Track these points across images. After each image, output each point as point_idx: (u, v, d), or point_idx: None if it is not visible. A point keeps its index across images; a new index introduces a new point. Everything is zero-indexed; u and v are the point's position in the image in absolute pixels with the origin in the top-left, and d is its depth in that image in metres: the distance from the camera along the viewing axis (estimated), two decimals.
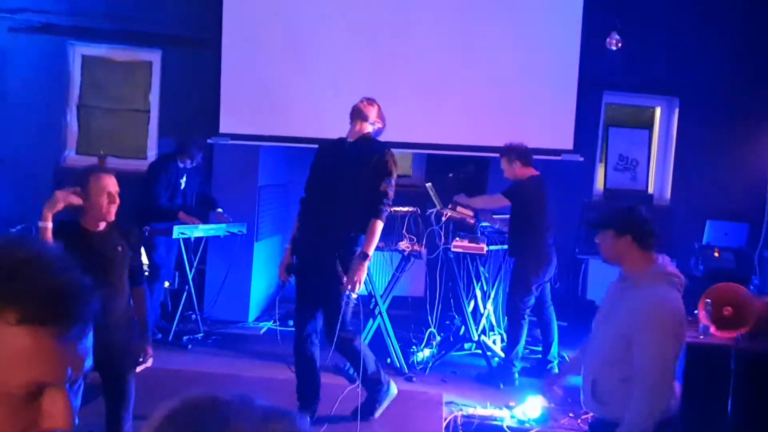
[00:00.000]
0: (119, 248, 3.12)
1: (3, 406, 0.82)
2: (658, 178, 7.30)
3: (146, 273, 5.84)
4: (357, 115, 4.19)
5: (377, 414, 4.14)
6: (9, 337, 0.81)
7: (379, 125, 4.28)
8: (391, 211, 5.23)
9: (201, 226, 5.69)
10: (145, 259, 5.93)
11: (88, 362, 0.87)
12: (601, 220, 2.99)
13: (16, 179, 6.40)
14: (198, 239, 5.88)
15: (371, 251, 3.99)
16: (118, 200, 3.07)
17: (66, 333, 0.83)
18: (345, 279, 3.97)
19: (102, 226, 3.09)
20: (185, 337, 5.67)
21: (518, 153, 5.20)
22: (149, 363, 3.31)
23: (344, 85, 6.23)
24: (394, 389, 4.24)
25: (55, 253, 0.86)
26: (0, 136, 6.72)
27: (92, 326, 0.87)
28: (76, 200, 3.01)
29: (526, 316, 5.11)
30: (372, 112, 4.23)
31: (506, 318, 5.47)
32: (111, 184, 3.10)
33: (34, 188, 6.07)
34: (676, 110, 7.16)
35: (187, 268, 5.77)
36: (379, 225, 4.00)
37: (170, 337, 5.64)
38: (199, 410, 0.77)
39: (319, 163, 4.27)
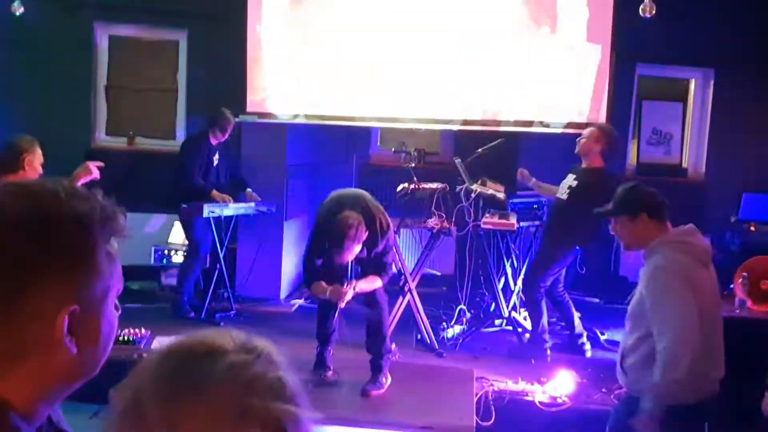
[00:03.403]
0: None
1: (112, 307, 0.97)
2: (692, 152, 7.15)
3: (185, 250, 5.95)
4: None
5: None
6: (105, 250, 0.94)
7: None
8: (419, 188, 5.22)
9: (231, 205, 5.73)
10: (184, 238, 6.02)
11: None
12: (612, 209, 2.93)
13: (46, 161, 6.45)
14: (228, 218, 5.92)
15: None
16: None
17: None
18: None
19: None
20: (217, 315, 5.72)
21: (610, 139, 5.00)
22: None
23: (372, 62, 6.19)
24: None
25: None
26: (29, 118, 6.79)
27: None
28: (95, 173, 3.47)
29: (542, 291, 5.05)
30: None
31: (523, 294, 5.39)
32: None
33: (65, 170, 6.12)
34: (712, 82, 6.99)
35: (219, 247, 5.82)
36: None
37: (203, 314, 5.69)
38: (193, 355, 0.79)
39: None
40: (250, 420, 0.73)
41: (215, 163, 5.86)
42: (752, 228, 5.79)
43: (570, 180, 5.02)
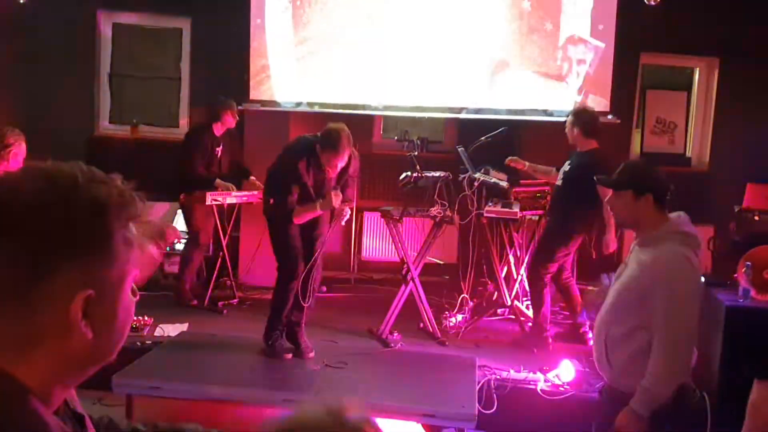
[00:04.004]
0: None
1: (129, 292, 0.97)
2: (696, 141, 7.13)
3: (186, 239, 5.96)
4: None
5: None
6: (123, 236, 0.94)
7: None
8: (422, 176, 5.22)
9: (234, 193, 5.74)
10: (184, 226, 6.03)
11: None
12: (619, 180, 2.77)
13: (49, 149, 6.44)
14: (231, 206, 5.93)
15: None
16: None
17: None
18: None
19: None
20: (220, 303, 5.73)
21: (582, 120, 4.94)
22: None
23: (373, 50, 6.17)
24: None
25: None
26: (33, 105, 6.79)
27: None
28: None
29: (546, 280, 5.05)
30: None
31: (528, 282, 5.39)
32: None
33: (69, 159, 6.10)
34: (716, 71, 6.96)
35: (222, 235, 5.83)
36: None
37: (206, 302, 5.72)
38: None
39: None
40: None
41: (218, 154, 5.87)
42: (756, 217, 5.75)
43: (565, 166, 5.04)
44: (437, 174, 5.28)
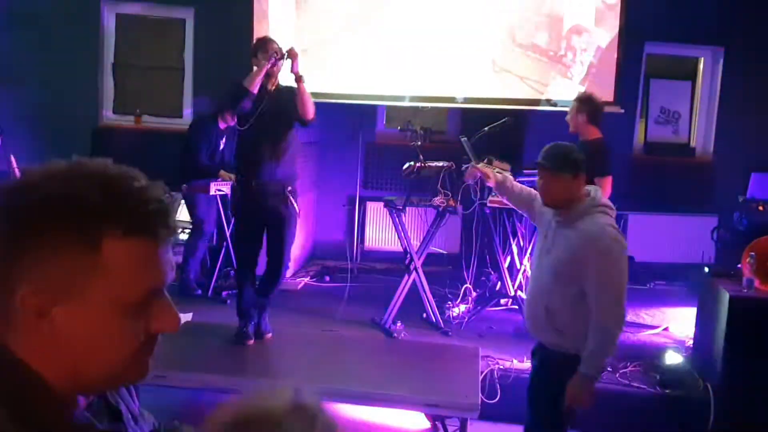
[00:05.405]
0: None
1: (121, 317, 0.86)
2: (700, 131, 7.11)
3: (189, 229, 5.97)
4: None
5: None
6: (122, 250, 0.84)
7: None
8: (425, 166, 5.21)
9: None
10: (187, 216, 6.04)
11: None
12: (560, 163, 2.91)
13: (53, 140, 6.46)
14: None
15: None
16: None
17: (166, 242, 0.90)
18: None
19: None
20: (224, 293, 5.74)
21: (589, 106, 4.86)
22: None
23: (377, 40, 6.16)
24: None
25: (128, 168, 0.90)
26: (37, 96, 6.79)
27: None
28: None
29: None
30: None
31: None
32: None
33: (73, 149, 6.14)
34: (721, 60, 6.93)
35: (225, 225, 5.84)
36: None
37: (209, 292, 5.73)
38: (253, 424, 0.77)
39: None
40: None
41: (221, 147, 5.88)
42: (760, 208, 5.75)
43: None
44: (440, 164, 5.27)
